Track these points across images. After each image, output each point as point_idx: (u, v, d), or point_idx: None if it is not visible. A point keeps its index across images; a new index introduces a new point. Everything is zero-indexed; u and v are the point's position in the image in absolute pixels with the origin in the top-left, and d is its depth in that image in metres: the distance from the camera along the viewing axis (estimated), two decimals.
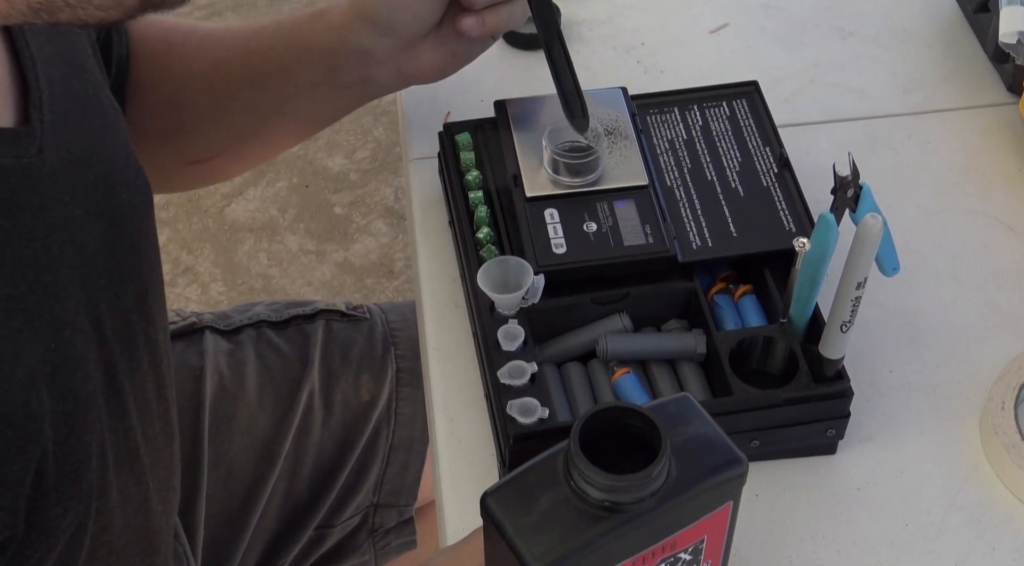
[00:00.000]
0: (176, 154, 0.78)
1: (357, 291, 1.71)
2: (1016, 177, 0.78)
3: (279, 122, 0.75)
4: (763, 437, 0.64)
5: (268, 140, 0.77)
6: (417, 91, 0.86)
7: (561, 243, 0.68)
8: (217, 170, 0.81)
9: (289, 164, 1.86)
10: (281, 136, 0.77)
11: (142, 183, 0.65)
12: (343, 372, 0.92)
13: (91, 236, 0.58)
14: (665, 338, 0.67)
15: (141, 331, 0.63)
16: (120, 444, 0.61)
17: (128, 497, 0.62)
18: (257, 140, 0.77)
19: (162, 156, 0.78)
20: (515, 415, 0.62)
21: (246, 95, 0.73)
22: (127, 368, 0.61)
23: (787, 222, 0.69)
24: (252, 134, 0.76)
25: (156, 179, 0.80)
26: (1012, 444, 0.63)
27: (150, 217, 0.67)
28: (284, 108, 0.74)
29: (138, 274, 0.64)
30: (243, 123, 0.75)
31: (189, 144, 0.77)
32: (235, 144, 0.77)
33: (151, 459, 0.65)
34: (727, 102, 0.76)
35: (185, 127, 0.76)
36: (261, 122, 0.75)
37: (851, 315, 0.60)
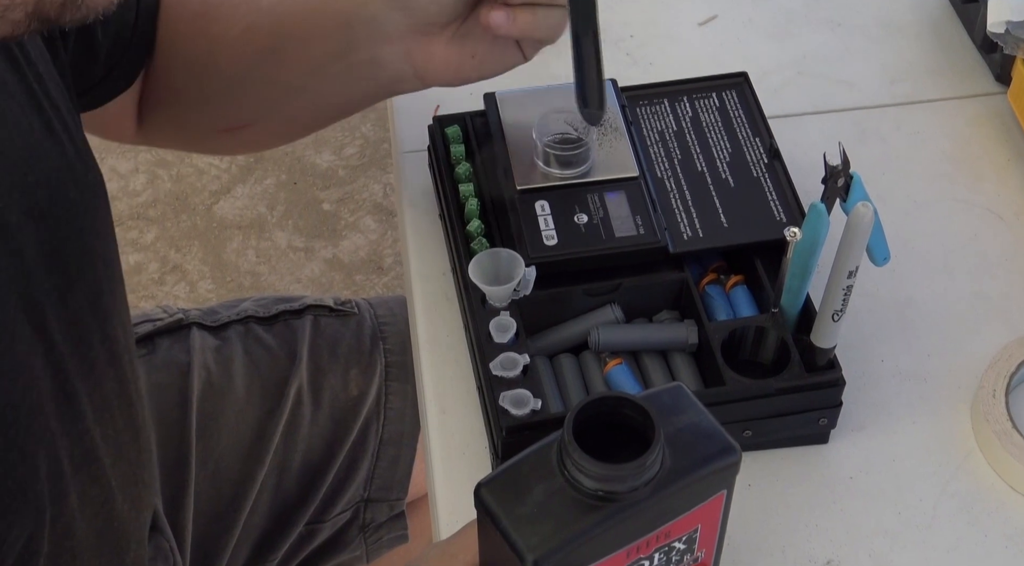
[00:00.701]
0: (209, 120, 0.77)
1: (346, 288, 1.70)
2: (1005, 167, 0.78)
3: (299, 99, 0.72)
4: (755, 427, 0.64)
5: (293, 117, 0.75)
6: None
7: (552, 235, 0.68)
8: (250, 140, 0.80)
9: (277, 161, 1.85)
10: (304, 115, 0.75)
11: (93, 179, 0.64)
12: (331, 367, 0.92)
13: (29, 241, 0.57)
14: (657, 329, 0.67)
15: (96, 330, 0.62)
16: (75, 448, 0.60)
17: (88, 500, 0.61)
18: (280, 116, 0.75)
19: (196, 120, 0.77)
20: (508, 407, 0.62)
21: (268, 66, 0.71)
22: (80, 370, 0.60)
23: (778, 212, 0.69)
24: (275, 109, 0.74)
25: (195, 142, 0.80)
26: (1003, 431, 0.64)
27: (103, 212, 0.65)
28: (304, 84, 0.71)
29: (90, 273, 0.62)
30: (267, 96, 0.73)
31: (220, 111, 0.75)
32: (262, 116, 0.75)
33: (112, 458, 0.64)
34: (717, 93, 0.76)
35: (216, 93, 0.74)
36: (283, 97, 0.73)
37: (842, 304, 0.60)
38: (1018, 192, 0.77)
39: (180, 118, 0.77)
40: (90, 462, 0.61)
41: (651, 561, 0.51)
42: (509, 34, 0.64)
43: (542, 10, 0.64)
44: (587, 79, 0.66)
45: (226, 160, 1.85)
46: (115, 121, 0.77)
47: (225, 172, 1.84)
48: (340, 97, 0.72)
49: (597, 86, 0.66)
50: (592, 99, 0.67)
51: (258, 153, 1.87)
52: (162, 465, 0.86)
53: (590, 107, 0.67)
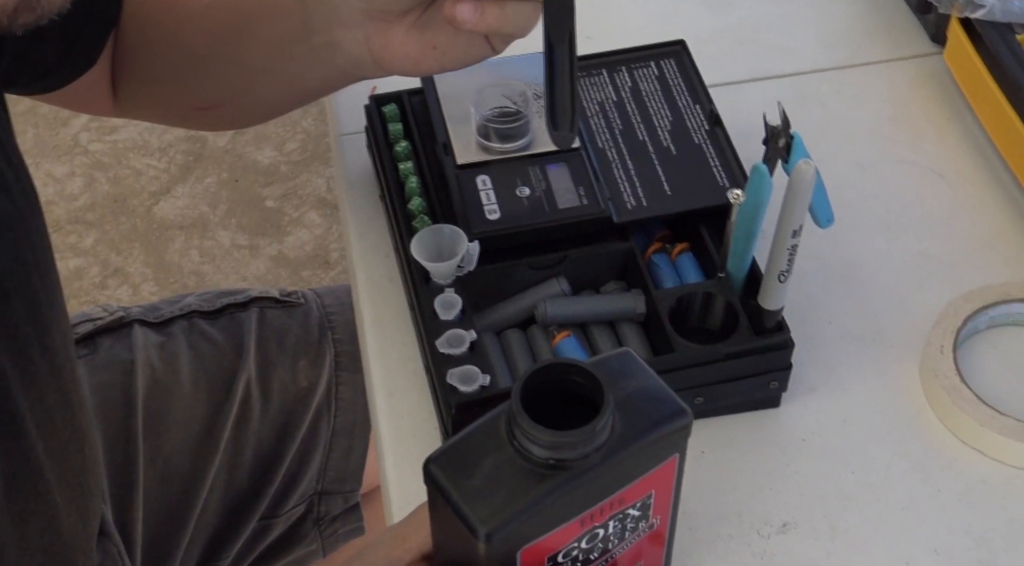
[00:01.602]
0: (182, 98, 0.74)
1: (293, 284, 1.68)
2: (945, 126, 0.79)
3: (266, 80, 0.70)
4: (707, 393, 0.64)
5: (262, 98, 0.73)
6: None
7: (495, 209, 0.67)
8: (226, 119, 0.77)
9: (217, 159, 1.83)
10: (273, 96, 0.73)
11: (24, 187, 0.62)
12: (280, 359, 0.91)
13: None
14: (604, 300, 0.67)
15: (36, 342, 0.60)
16: (18, 468, 0.58)
17: (30, 521, 0.59)
18: (250, 97, 0.72)
19: (170, 98, 0.75)
20: (456, 384, 0.61)
21: (234, 45, 0.69)
22: (21, 384, 0.59)
23: (721, 178, 0.69)
24: (244, 89, 0.72)
25: (172, 118, 0.77)
26: (952, 386, 0.64)
27: (36, 221, 0.63)
28: (269, 65, 0.69)
29: (25, 284, 0.60)
30: (235, 76, 0.71)
31: (191, 90, 0.73)
32: (232, 97, 0.73)
33: (57, 472, 0.62)
34: (655, 62, 0.75)
35: (186, 71, 0.72)
36: (251, 77, 0.71)
37: (788, 264, 0.60)
38: (958, 151, 0.77)
39: (154, 95, 0.76)
40: (35, 480, 0.59)
41: (606, 529, 0.50)
42: (476, 29, 0.60)
43: (512, 3, 0.59)
44: (558, 97, 0.59)
45: (165, 160, 1.83)
46: (88, 96, 0.75)
47: (164, 172, 1.82)
48: (304, 80, 0.70)
49: (571, 105, 0.59)
50: (563, 120, 0.59)
51: (198, 152, 1.84)
52: (109, 466, 0.84)
53: (560, 129, 0.60)
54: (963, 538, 0.60)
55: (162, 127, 1.85)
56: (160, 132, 1.86)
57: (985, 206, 0.74)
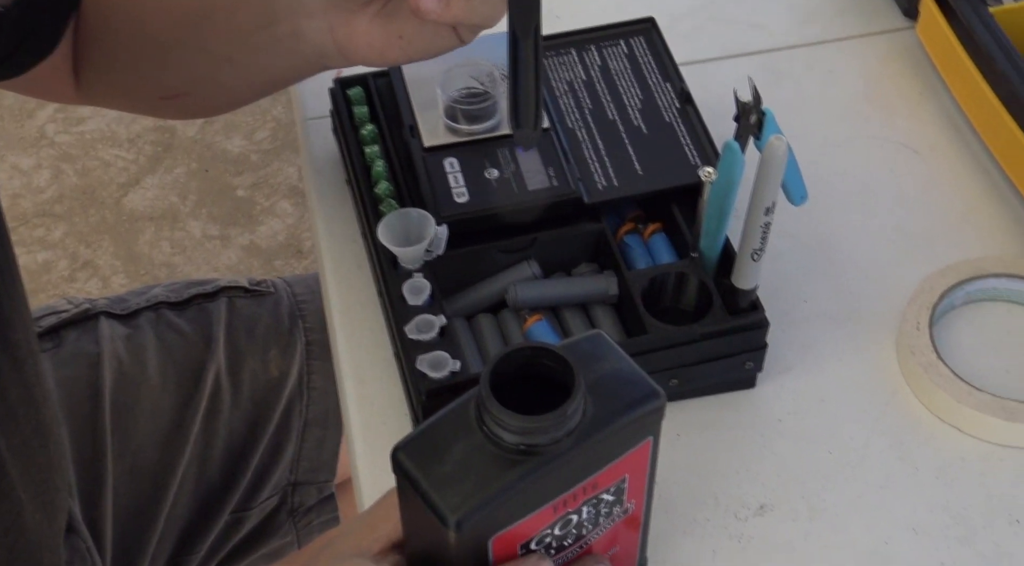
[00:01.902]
0: (146, 86, 0.72)
1: (266, 274, 1.66)
2: (917, 101, 0.78)
3: (230, 69, 0.68)
4: (681, 375, 0.63)
5: (227, 87, 0.71)
6: None
7: (463, 192, 0.65)
8: (192, 108, 0.76)
9: (186, 149, 1.81)
10: (238, 85, 0.71)
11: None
12: (250, 349, 0.89)
13: None
14: (576, 282, 0.66)
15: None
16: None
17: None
18: (215, 86, 0.71)
19: (134, 86, 0.73)
20: (425, 370, 0.59)
21: (198, 33, 0.67)
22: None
23: (692, 156, 0.68)
24: (208, 78, 0.70)
25: (137, 107, 0.75)
26: (929, 363, 0.63)
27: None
28: (233, 54, 0.67)
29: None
30: (199, 65, 0.69)
31: (155, 78, 0.71)
32: (197, 86, 0.71)
33: (21, 469, 0.61)
34: (625, 40, 0.74)
35: (149, 60, 0.70)
36: (215, 67, 0.69)
37: (762, 242, 0.59)
38: (931, 126, 0.76)
39: (117, 82, 0.74)
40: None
41: (579, 515, 0.49)
42: (441, 20, 0.58)
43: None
44: (522, 93, 0.56)
45: (133, 151, 1.80)
46: (50, 83, 0.73)
47: (133, 163, 1.79)
48: (269, 70, 0.69)
49: (535, 101, 0.56)
50: (527, 117, 0.56)
51: (167, 142, 1.82)
52: (76, 462, 0.82)
53: (523, 127, 0.57)
54: (941, 515, 0.59)
55: (130, 117, 1.82)
56: (128, 122, 1.83)
57: (960, 181, 0.73)
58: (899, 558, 0.58)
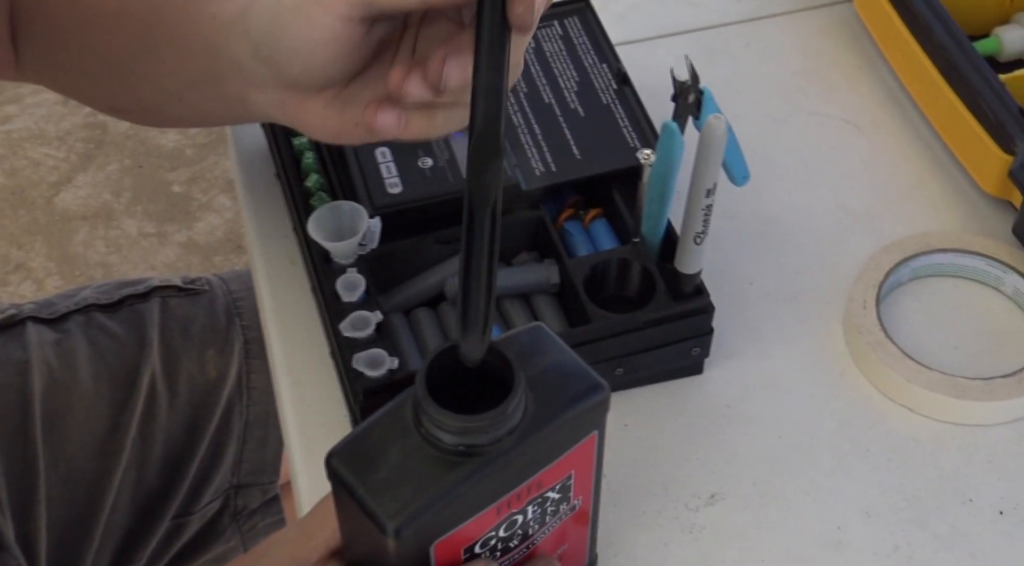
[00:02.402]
0: (99, 96, 0.67)
1: (205, 271, 1.63)
2: (856, 75, 0.77)
3: (179, 104, 0.62)
4: (627, 364, 0.61)
5: (177, 117, 0.66)
6: None
7: (396, 182, 0.63)
8: (144, 121, 0.70)
9: (119, 145, 1.76)
10: (188, 118, 0.66)
11: None
12: (185, 350, 0.86)
13: None
14: (516, 272, 0.64)
15: None
16: None
17: None
18: (164, 114, 0.66)
19: (88, 93, 0.67)
20: (362, 369, 0.57)
21: (145, 62, 0.61)
22: None
23: (631, 139, 0.66)
24: (156, 107, 0.64)
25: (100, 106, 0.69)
26: (877, 342, 0.62)
27: None
28: (181, 94, 0.61)
29: None
30: (146, 92, 0.62)
31: (106, 91, 0.66)
32: (148, 112, 0.66)
33: None
34: (559, 22, 0.72)
35: (94, 74, 0.63)
36: (163, 99, 0.63)
37: (704, 225, 0.57)
38: (871, 100, 0.75)
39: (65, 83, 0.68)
40: None
41: (524, 515, 0.48)
42: (399, 138, 0.53)
43: (443, 112, 0.52)
44: (472, 287, 0.44)
45: (64, 149, 1.75)
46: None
47: (64, 161, 1.75)
48: (218, 116, 0.64)
49: (487, 298, 0.44)
50: (475, 320, 0.44)
51: (98, 139, 1.77)
52: (7, 474, 0.79)
53: (470, 334, 0.44)
54: (894, 497, 0.58)
55: (59, 114, 1.77)
56: (58, 120, 1.78)
57: (902, 155, 0.72)
58: (853, 542, 0.57)
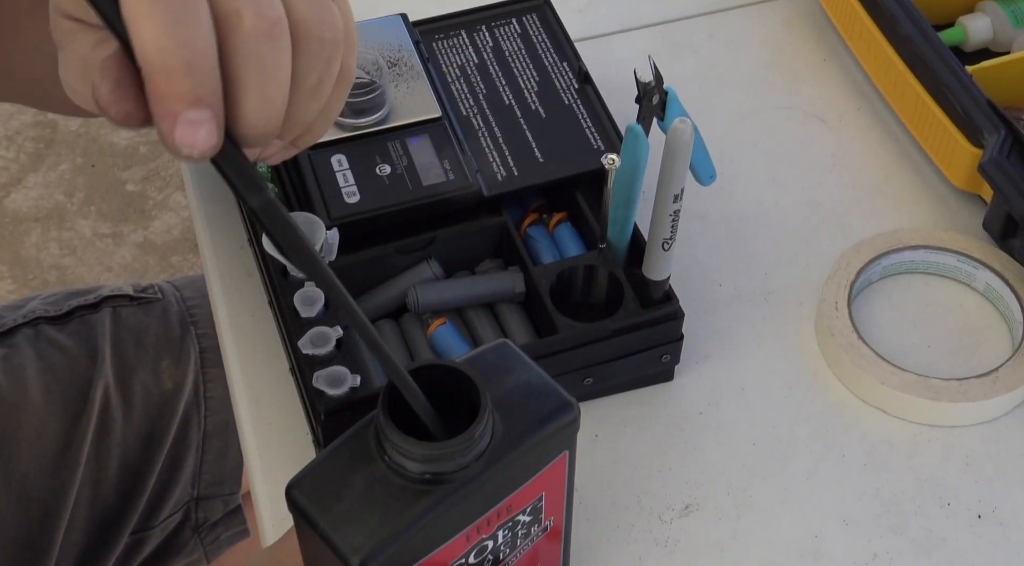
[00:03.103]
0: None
1: (163, 271, 1.60)
2: (822, 67, 0.75)
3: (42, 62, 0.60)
4: (596, 373, 0.59)
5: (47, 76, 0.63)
6: None
7: (353, 191, 0.61)
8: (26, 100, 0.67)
9: (70, 143, 1.72)
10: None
11: None
12: (139, 361, 0.84)
13: None
14: (480, 281, 0.62)
15: None
16: None
17: None
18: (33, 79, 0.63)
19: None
20: (323, 387, 0.55)
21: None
22: None
23: (595, 141, 0.64)
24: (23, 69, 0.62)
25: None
26: (850, 344, 0.61)
27: None
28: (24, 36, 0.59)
29: None
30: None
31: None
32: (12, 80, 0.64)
33: None
34: (517, 19, 0.70)
35: None
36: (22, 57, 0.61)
37: (671, 231, 0.56)
38: (837, 93, 0.74)
39: None
40: None
41: (495, 540, 0.46)
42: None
43: None
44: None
45: (13, 149, 1.71)
46: None
47: (14, 162, 1.70)
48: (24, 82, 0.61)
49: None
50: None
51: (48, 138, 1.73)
52: None
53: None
54: (871, 503, 0.57)
55: (7, 114, 1.73)
56: (5, 118, 1.74)
57: (871, 150, 0.71)
58: (831, 551, 0.56)
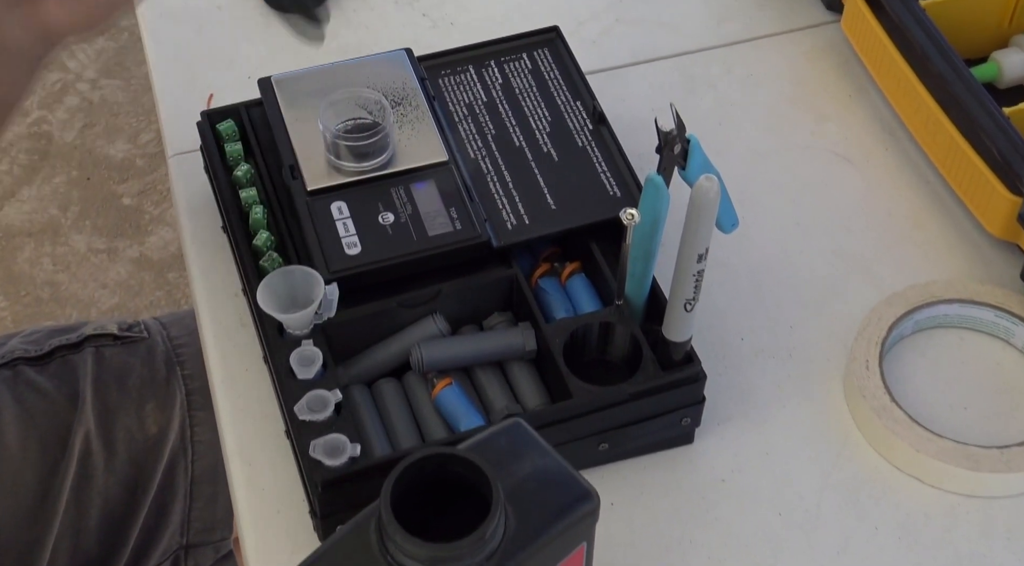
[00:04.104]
0: None
1: (159, 288, 1.56)
2: (846, 103, 0.72)
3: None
4: (612, 438, 0.56)
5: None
6: (171, 74, 0.74)
7: (354, 242, 0.57)
8: None
9: (65, 156, 1.68)
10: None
11: None
12: (122, 405, 0.80)
13: None
14: (488, 338, 0.58)
15: None
16: None
17: None
18: None
19: None
20: (320, 457, 0.52)
21: None
22: None
23: (611, 187, 0.61)
24: None
25: None
26: (882, 407, 0.57)
27: None
28: None
29: None
30: None
31: None
32: None
33: None
34: (527, 54, 0.66)
35: None
36: None
37: (695, 292, 0.52)
38: (864, 131, 0.70)
39: None
40: None
41: None
42: None
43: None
44: None
45: (6, 161, 1.67)
46: None
47: (7, 174, 1.67)
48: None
49: None
50: None
51: (43, 149, 1.69)
52: None
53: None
54: None
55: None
56: None
57: (900, 193, 0.67)
58: None
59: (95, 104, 1.75)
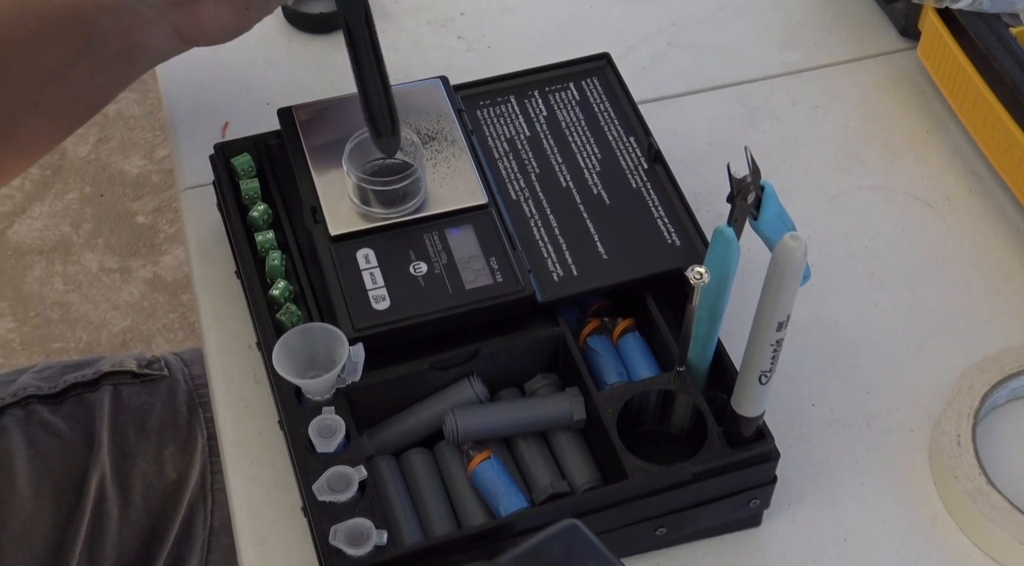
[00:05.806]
0: None
1: (172, 310, 1.51)
2: (924, 140, 0.65)
3: (32, 118, 0.57)
4: (671, 522, 0.49)
5: (24, 145, 0.59)
6: (184, 98, 0.69)
7: (382, 295, 0.51)
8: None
9: (78, 171, 1.63)
10: (39, 136, 0.59)
11: None
12: (140, 449, 0.75)
13: None
14: (531, 405, 0.52)
15: None
16: None
17: None
18: (9, 146, 0.58)
19: None
20: (342, 546, 0.45)
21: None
22: None
23: (668, 234, 0.54)
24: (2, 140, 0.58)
25: None
26: (977, 490, 0.50)
27: None
28: (37, 98, 0.57)
29: None
30: None
31: None
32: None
33: None
34: (575, 83, 0.60)
35: None
36: (11, 122, 0.57)
37: (772, 363, 0.46)
38: (944, 171, 0.64)
39: None
40: None
41: None
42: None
43: None
44: (372, 95, 0.54)
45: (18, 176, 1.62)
46: None
47: (18, 190, 1.62)
48: (88, 98, 0.59)
49: (384, 103, 0.54)
50: (383, 121, 0.54)
51: (56, 165, 1.65)
52: None
53: (383, 134, 0.54)
54: None
55: None
56: None
57: (986, 241, 0.61)
58: None
59: (110, 117, 1.70)
